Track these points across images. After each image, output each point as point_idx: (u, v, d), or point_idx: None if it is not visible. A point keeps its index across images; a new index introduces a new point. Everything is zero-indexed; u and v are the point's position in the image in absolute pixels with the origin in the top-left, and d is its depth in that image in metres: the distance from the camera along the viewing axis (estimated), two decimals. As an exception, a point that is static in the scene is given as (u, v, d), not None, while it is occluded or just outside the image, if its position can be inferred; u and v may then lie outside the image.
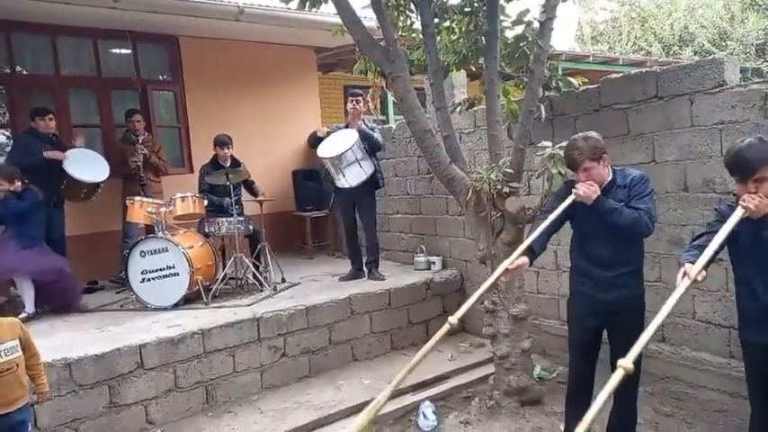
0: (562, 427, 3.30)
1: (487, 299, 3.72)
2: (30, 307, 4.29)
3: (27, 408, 2.64)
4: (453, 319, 2.13)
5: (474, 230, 3.70)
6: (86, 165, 4.96)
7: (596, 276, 2.76)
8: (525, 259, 2.65)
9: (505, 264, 2.53)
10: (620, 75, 3.94)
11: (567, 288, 4.13)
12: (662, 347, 3.58)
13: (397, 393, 3.79)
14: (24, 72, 5.78)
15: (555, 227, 2.79)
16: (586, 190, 2.60)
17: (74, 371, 3.27)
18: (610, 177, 2.71)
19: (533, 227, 2.75)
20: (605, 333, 2.87)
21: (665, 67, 3.61)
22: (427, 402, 3.64)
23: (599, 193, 2.61)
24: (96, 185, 5.01)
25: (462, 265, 5.10)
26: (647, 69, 3.76)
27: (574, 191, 2.62)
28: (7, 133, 5.72)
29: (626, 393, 2.79)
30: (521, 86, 4.02)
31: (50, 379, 3.16)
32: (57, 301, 4.48)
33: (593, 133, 2.70)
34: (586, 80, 4.02)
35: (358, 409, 3.66)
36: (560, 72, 4.45)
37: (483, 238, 3.62)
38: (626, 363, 1.65)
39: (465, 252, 5.01)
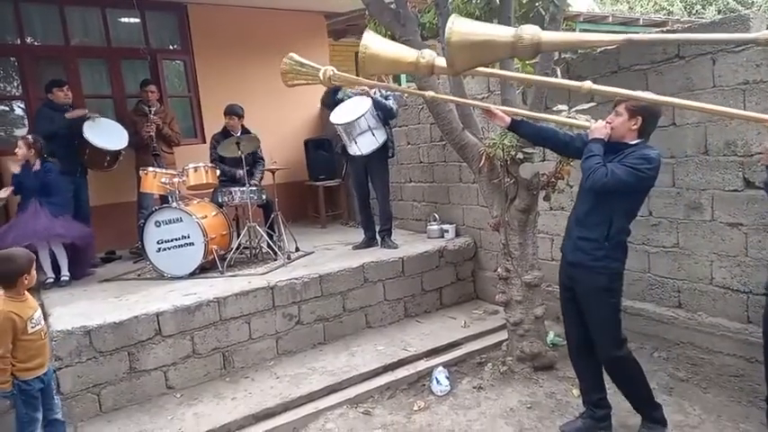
0: (575, 392, 3.33)
1: (501, 266, 3.71)
2: (65, 271, 4.47)
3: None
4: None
5: (487, 197, 3.66)
6: (106, 133, 5.03)
7: (571, 232, 2.80)
8: (507, 119, 2.87)
9: (492, 107, 2.83)
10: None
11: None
12: (678, 313, 3.55)
13: (410, 359, 3.88)
14: (36, 43, 5.76)
15: (553, 135, 2.91)
16: (598, 125, 2.61)
17: (93, 338, 3.34)
18: (632, 142, 2.57)
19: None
20: None
21: (686, 26, 3.47)
22: (440, 368, 3.68)
23: (603, 135, 2.58)
24: (117, 153, 5.08)
25: (476, 233, 5.07)
26: (669, 29, 3.61)
27: (590, 121, 2.64)
28: (22, 105, 5.76)
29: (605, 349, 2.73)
30: (536, 48, 3.90)
31: (70, 346, 3.27)
32: (75, 269, 4.60)
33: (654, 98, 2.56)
34: (605, 41, 3.89)
35: (373, 374, 3.72)
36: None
37: (496, 205, 3.59)
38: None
39: (479, 220, 4.97)
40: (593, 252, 2.65)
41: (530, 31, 1.49)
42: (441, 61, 2.29)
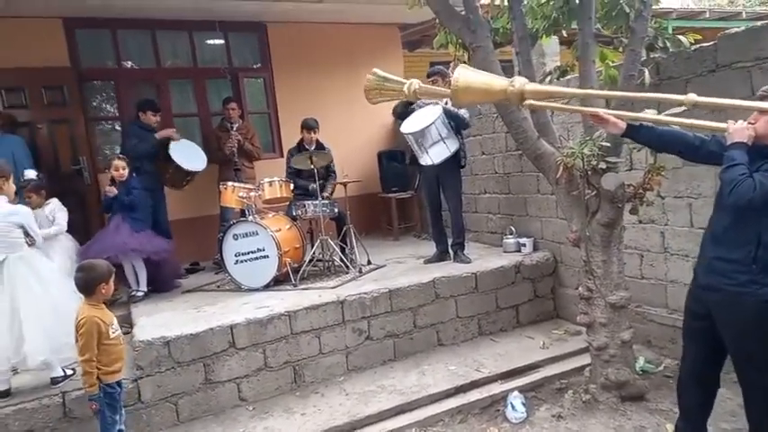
0: (669, 427, 2.99)
1: (582, 285, 3.44)
2: (143, 286, 4.65)
3: None
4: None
5: (566, 210, 3.42)
6: (189, 155, 5.27)
7: (705, 251, 2.41)
8: (622, 125, 2.50)
9: (602, 111, 2.53)
10: (742, 29, 3.41)
11: (675, 273, 3.75)
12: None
13: (483, 381, 3.69)
14: (135, 67, 6.18)
15: (680, 138, 2.47)
16: (738, 127, 2.18)
17: (172, 348, 3.46)
18: None
19: None
20: None
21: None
22: (516, 393, 3.46)
23: (746, 139, 2.16)
24: (194, 174, 5.30)
25: (555, 248, 4.78)
26: (778, 20, 3.21)
27: (728, 122, 2.24)
28: (119, 127, 6.20)
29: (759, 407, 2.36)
30: (620, 49, 3.62)
31: (151, 356, 3.40)
32: (159, 282, 4.81)
33: None
34: (700, 37, 3.53)
35: (444, 395, 3.57)
36: (670, 31, 3.98)
37: (576, 218, 3.33)
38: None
39: (558, 233, 4.68)
40: (735, 276, 2.25)
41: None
42: (531, 86, 2.21)
